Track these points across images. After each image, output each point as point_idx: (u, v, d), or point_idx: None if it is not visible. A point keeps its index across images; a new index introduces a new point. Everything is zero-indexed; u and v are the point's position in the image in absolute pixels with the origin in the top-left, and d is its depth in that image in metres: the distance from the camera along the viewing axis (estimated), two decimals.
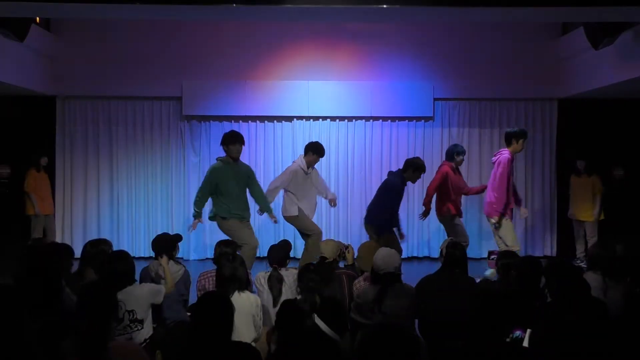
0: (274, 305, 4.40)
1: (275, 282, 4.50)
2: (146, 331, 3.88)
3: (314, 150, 6.98)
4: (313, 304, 3.72)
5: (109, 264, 3.98)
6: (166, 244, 4.86)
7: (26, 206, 8.05)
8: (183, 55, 8.63)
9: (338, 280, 4.66)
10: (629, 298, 3.72)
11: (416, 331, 4.10)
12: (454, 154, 7.24)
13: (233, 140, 6.26)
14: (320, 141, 8.67)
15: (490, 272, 6.27)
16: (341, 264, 5.20)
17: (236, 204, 6.29)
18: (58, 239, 8.52)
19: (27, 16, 6.81)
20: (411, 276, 6.63)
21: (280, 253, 4.79)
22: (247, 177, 6.46)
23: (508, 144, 6.81)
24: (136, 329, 3.82)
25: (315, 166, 8.43)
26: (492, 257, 5.92)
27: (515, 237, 6.74)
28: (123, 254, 4.09)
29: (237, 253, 4.47)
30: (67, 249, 4.67)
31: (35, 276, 3.56)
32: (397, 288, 3.99)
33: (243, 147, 6.38)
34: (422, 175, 6.88)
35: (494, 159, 6.87)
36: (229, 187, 6.24)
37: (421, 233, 8.89)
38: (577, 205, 8.14)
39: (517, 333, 3.16)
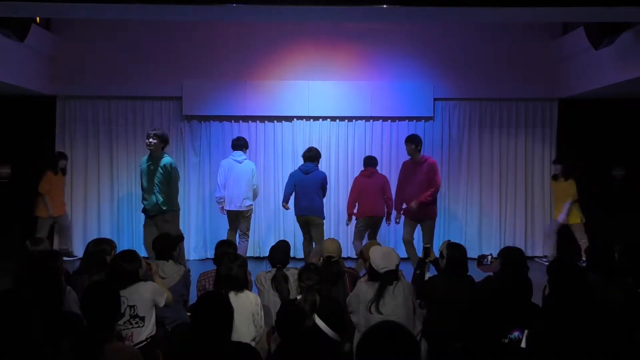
0: None
1: (282, 282, 4.49)
2: (148, 330, 3.87)
3: None
4: (313, 304, 3.71)
5: (116, 262, 3.98)
6: (168, 244, 4.87)
7: (38, 207, 7.98)
8: (183, 55, 8.64)
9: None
10: (629, 298, 3.72)
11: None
12: None
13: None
14: (320, 141, 8.74)
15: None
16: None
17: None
18: (58, 240, 8.52)
19: (27, 16, 6.81)
20: (411, 276, 6.63)
21: (282, 254, 4.78)
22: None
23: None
24: (137, 325, 3.81)
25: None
26: (486, 261, 5.84)
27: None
28: (131, 254, 4.09)
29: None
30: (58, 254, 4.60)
31: (35, 277, 3.56)
32: (397, 286, 3.96)
33: (151, 140, 6.66)
34: None
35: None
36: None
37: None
38: (559, 209, 8.13)
39: (515, 334, 3.16)
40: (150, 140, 6.63)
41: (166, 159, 6.69)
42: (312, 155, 7.30)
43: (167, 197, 6.63)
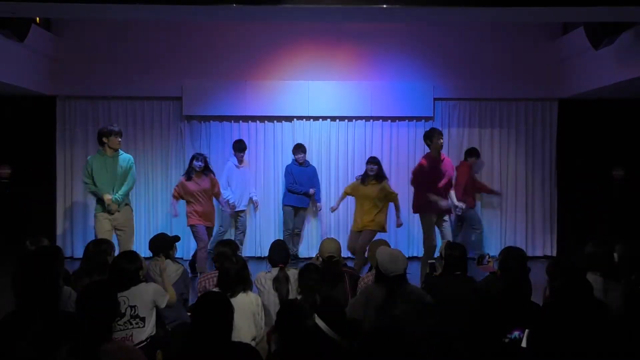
0: None
1: (283, 282, 4.47)
2: (149, 330, 3.87)
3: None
4: (313, 304, 3.71)
5: (117, 263, 3.98)
6: (163, 244, 4.86)
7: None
8: (183, 55, 8.64)
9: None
10: (629, 298, 3.72)
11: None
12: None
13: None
14: (320, 141, 8.75)
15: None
16: None
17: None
18: (59, 240, 8.52)
19: (27, 16, 6.82)
20: (413, 277, 6.64)
21: (282, 253, 4.77)
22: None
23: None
24: (137, 325, 3.81)
25: (317, 165, 8.69)
26: (485, 260, 5.81)
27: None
28: (132, 254, 4.09)
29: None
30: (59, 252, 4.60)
31: (34, 277, 3.55)
32: (406, 291, 3.93)
33: (120, 139, 6.48)
34: None
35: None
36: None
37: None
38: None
39: (516, 334, 3.16)
40: (120, 139, 6.51)
41: (125, 154, 6.64)
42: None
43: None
